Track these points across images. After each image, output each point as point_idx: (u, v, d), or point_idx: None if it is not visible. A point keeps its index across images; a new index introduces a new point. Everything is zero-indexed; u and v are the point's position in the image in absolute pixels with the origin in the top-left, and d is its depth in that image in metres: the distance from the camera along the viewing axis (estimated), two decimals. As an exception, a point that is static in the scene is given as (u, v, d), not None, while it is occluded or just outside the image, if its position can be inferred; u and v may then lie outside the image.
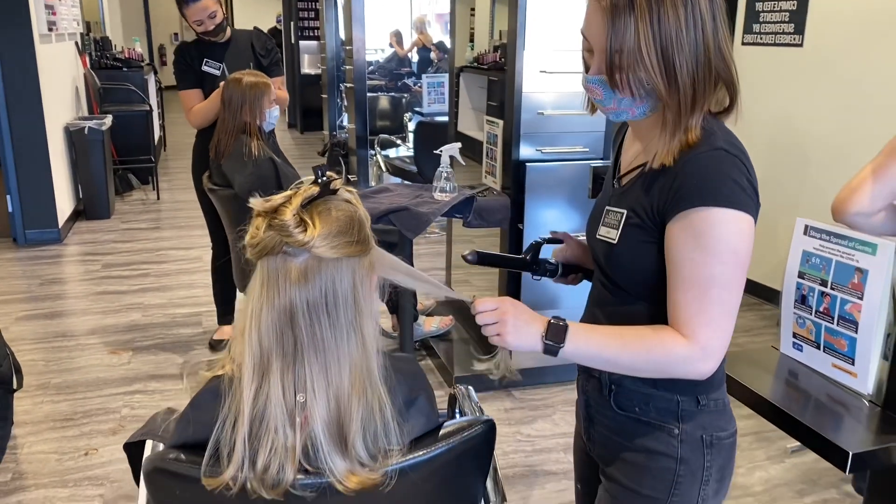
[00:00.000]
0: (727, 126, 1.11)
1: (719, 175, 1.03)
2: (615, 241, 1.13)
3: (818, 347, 1.50)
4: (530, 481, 2.56)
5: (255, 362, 0.99)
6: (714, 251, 1.02)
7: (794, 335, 1.55)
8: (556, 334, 1.07)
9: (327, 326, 0.98)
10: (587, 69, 1.10)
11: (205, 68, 3.30)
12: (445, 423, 1.15)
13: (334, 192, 1.01)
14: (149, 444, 1.36)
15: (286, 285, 0.97)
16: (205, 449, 1.03)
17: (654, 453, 1.17)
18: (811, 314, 1.49)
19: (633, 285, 1.15)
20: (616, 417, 1.21)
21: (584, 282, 1.41)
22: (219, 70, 3.30)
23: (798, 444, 2.52)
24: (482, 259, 1.34)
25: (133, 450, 1.47)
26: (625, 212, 1.13)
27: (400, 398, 1.07)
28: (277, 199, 0.98)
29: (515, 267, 1.45)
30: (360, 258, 1.01)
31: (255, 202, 0.99)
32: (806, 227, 1.50)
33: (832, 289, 1.45)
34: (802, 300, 1.51)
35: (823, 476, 2.62)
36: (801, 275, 1.51)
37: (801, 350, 1.53)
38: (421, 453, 1.07)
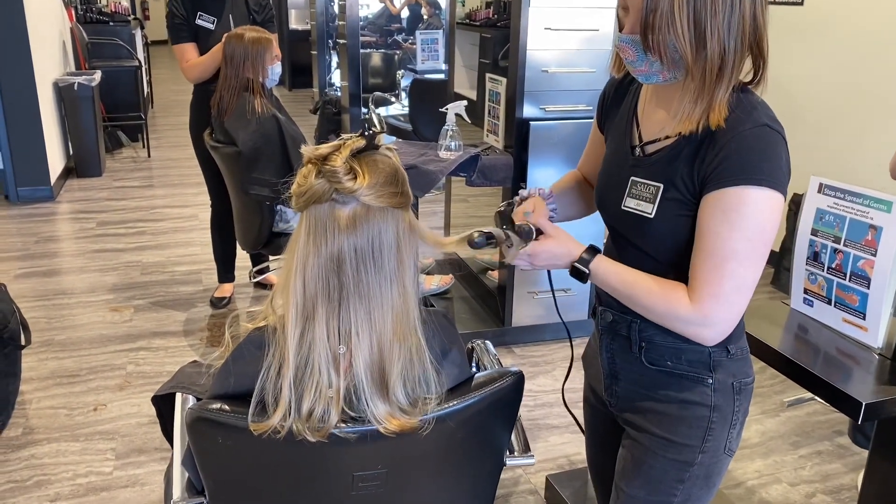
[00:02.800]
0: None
1: (761, 154, 1.04)
2: (651, 215, 1.14)
3: (829, 303, 1.54)
4: (534, 435, 2.62)
5: (300, 309, 1.01)
6: (740, 227, 1.04)
7: (806, 291, 1.59)
8: (578, 276, 1.18)
9: (373, 273, 1.00)
10: (621, 28, 1.11)
11: (198, 22, 3.24)
12: (476, 375, 1.18)
13: (377, 147, 1.02)
14: (178, 395, 1.38)
15: (335, 233, 0.99)
16: (245, 399, 1.05)
17: (689, 403, 1.21)
18: (823, 270, 1.53)
19: (666, 254, 1.17)
20: (646, 372, 1.25)
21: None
22: (213, 24, 3.24)
23: (795, 397, 2.58)
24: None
25: (161, 403, 1.50)
26: (661, 185, 1.13)
27: (437, 348, 1.10)
28: (326, 148, 1.00)
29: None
30: (403, 211, 1.03)
31: (306, 149, 1.00)
32: (820, 185, 1.53)
33: (845, 245, 1.48)
34: (815, 257, 1.54)
35: (817, 429, 2.70)
36: (814, 232, 1.54)
37: (811, 305, 1.58)
38: (456, 402, 1.10)
